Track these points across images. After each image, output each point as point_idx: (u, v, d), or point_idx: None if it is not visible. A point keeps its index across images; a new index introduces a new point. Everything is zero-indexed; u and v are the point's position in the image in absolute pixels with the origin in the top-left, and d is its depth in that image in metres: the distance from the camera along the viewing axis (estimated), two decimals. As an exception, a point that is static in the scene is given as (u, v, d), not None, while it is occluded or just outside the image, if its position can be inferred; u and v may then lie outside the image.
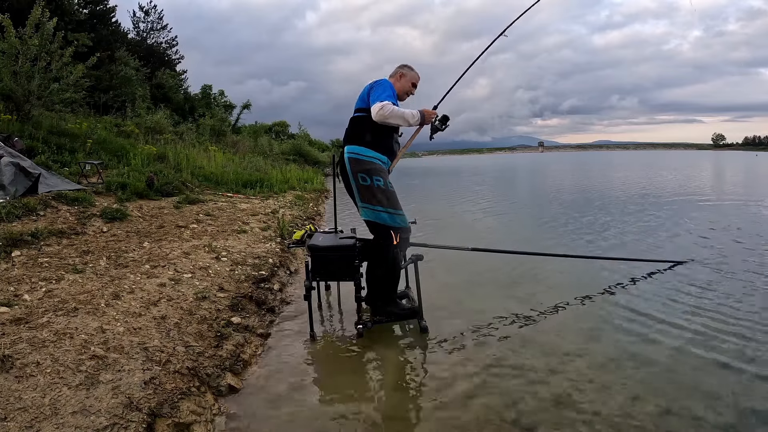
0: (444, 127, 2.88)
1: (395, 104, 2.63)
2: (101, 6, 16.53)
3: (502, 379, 2.20)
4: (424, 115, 2.77)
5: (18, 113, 7.20)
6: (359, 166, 2.65)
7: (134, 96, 14.22)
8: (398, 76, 2.86)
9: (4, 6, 10.70)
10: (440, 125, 2.86)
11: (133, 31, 21.35)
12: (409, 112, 2.69)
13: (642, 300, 3.21)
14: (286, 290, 3.62)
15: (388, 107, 2.56)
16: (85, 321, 2.29)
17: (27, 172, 4.58)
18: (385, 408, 2.02)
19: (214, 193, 7.30)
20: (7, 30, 6.84)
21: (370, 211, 2.66)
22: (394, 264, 2.74)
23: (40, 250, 3.32)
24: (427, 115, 2.79)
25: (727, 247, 4.74)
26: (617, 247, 4.91)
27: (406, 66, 2.90)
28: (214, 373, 2.16)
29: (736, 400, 1.96)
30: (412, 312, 2.82)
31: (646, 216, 6.94)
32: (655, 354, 2.40)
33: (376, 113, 2.57)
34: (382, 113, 2.56)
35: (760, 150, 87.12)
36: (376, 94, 2.61)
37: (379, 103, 2.57)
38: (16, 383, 1.73)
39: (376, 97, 2.60)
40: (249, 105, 24.05)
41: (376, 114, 2.57)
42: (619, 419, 1.85)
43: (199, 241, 4.15)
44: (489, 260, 4.19)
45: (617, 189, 11.88)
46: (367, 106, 2.66)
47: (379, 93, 2.61)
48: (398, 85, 2.82)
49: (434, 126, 2.86)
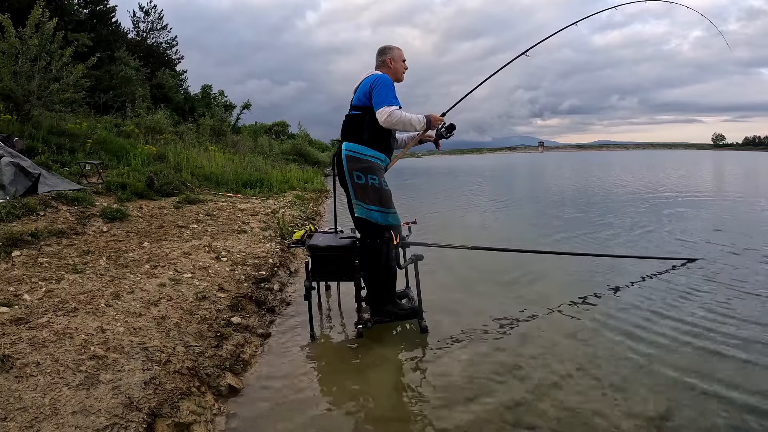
0: (449, 135, 2.89)
1: (400, 107, 2.63)
2: (101, 6, 16.51)
3: (503, 379, 2.20)
4: (430, 121, 2.75)
5: (18, 113, 7.20)
6: (356, 164, 2.66)
7: (134, 96, 14.21)
8: (388, 63, 2.81)
9: (4, 6, 10.69)
10: (446, 133, 2.87)
11: (133, 31, 21.34)
12: (416, 118, 2.67)
13: (646, 299, 3.21)
14: (286, 290, 3.63)
15: (396, 114, 2.56)
16: (85, 321, 2.29)
17: (27, 172, 4.58)
18: (385, 408, 2.02)
19: (214, 193, 7.30)
20: (7, 30, 6.84)
21: (363, 209, 2.68)
22: (389, 263, 2.75)
23: (40, 250, 3.31)
24: (434, 120, 2.78)
25: (737, 246, 4.71)
26: (622, 245, 4.90)
27: (386, 49, 2.84)
28: (214, 373, 2.16)
29: (741, 401, 1.96)
30: (412, 312, 2.82)
31: (651, 214, 6.93)
32: (658, 354, 2.40)
33: (384, 120, 2.57)
34: (390, 120, 2.56)
35: (760, 150, 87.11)
36: (381, 97, 2.59)
37: (387, 108, 2.56)
38: (16, 383, 1.73)
39: (381, 101, 2.58)
40: (249, 105, 24.06)
41: (384, 121, 2.57)
42: (619, 419, 1.85)
43: (199, 241, 4.15)
44: (490, 259, 4.19)
45: (618, 189, 11.88)
46: (365, 105, 2.65)
47: (383, 96, 2.59)
48: (392, 74, 2.78)
49: (440, 133, 2.87)
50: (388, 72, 2.79)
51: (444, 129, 2.86)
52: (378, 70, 2.82)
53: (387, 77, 2.70)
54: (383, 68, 2.82)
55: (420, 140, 2.98)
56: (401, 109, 2.63)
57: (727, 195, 9.91)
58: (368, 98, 2.64)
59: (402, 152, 3.00)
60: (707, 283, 3.53)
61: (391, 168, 2.89)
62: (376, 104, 2.59)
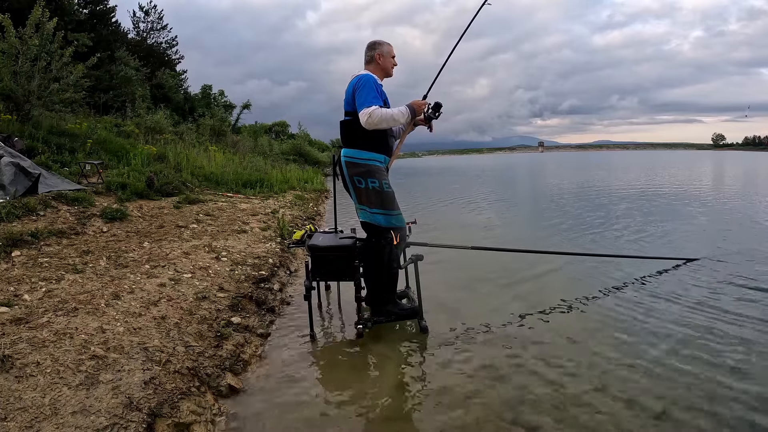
0: (438, 115, 2.80)
1: (381, 105, 2.58)
2: (101, 6, 16.52)
3: (503, 379, 2.20)
4: (414, 109, 2.71)
5: (18, 113, 7.20)
6: (355, 170, 2.65)
7: (134, 96, 14.22)
8: (377, 59, 2.76)
9: (4, 6, 10.69)
10: (433, 113, 2.79)
11: (133, 31, 21.35)
12: (398, 111, 2.62)
13: (646, 299, 3.21)
14: (286, 290, 3.62)
15: (375, 114, 2.51)
16: (85, 321, 2.29)
17: (27, 172, 4.58)
18: (384, 408, 2.02)
19: (214, 193, 7.30)
20: (7, 30, 6.84)
21: (367, 213, 2.68)
22: (391, 263, 2.75)
23: (40, 250, 3.31)
24: (417, 106, 2.73)
25: (738, 246, 4.71)
26: (622, 245, 4.90)
27: (376, 44, 2.79)
28: (214, 373, 2.16)
29: (741, 401, 1.96)
30: (412, 312, 2.82)
31: (651, 214, 6.93)
32: (659, 354, 2.40)
33: (365, 122, 2.53)
34: (371, 121, 2.52)
35: (760, 150, 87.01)
36: (362, 99, 2.55)
37: (366, 109, 2.51)
38: (16, 383, 1.73)
39: (361, 103, 2.54)
40: (249, 105, 24.08)
41: (366, 123, 2.53)
42: (620, 419, 1.85)
43: (199, 241, 4.15)
44: (490, 259, 4.18)
45: (618, 189, 11.87)
46: (353, 109, 2.61)
47: (363, 97, 2.55)
48: (380, 70, 2.76)
49: (427, 115, 2.80)
50: (376, 68, 2.76)
51: (430, 110, 2.78)
52: (367, 66, 2.79)
53: (368, 77, 2.64)
54: (372, 64, 2.78)
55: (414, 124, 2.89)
56: (383, 107, 2.57)
57: (727, 195, 9.91)
58: (354, 102, 2.61)
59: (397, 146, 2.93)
60: (708, 282, 3.53)
61: (390, 166, 2.87)
62: (358, 107, 2.56)
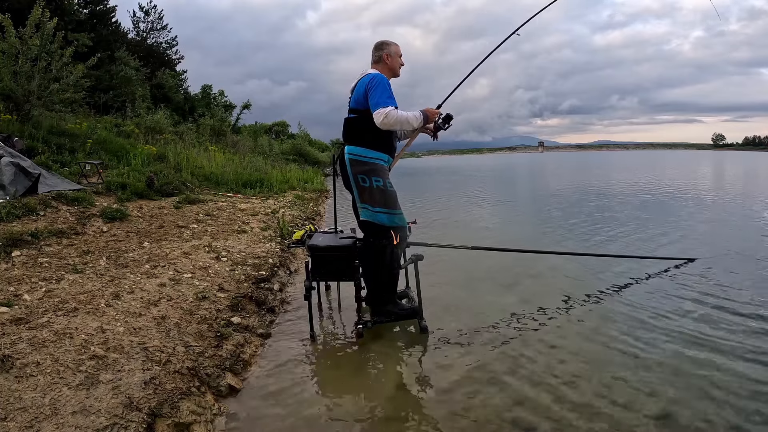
0: (447, 126, 2.87)
1: (396, 107, 2.61)
2: (101, 6, 16.51)
3: (502, 379, 2.20)
4: (427, 116, 2.75)
5: (18, 113, 7.20)
6: (359, 168, 2.65)
7: (134, 96, 14.23)
8: (385, 59, 2.78)
9: (4, 6, 10.69)
10: (443, 124, 2.85)
11: (133, 31, 21.34)
12: (413, 115, 2.66)
13: (646, 299, 3.21)
14: (286, 290, 3.62)
15: (392, 115, 2.54)
16: (85, 321, 2.29)
17: (27, 172, 4.58)
18: (384, 408, 2.02)
19: (214, 193, 7.30)
20: (7, 30, 6.84)
21: (369, 212, 2.67)
22: (392, 263, 2.74)
23: (40, 250, 3.31)
24: (431, 114, 2.77)
25: (737, 246, 4.70)
26: (622, 245, 4.89)
27: (384, 44, 2.81)
28: (214, 373, 2.16)
29: (741, 400, 1.96)
30: (412, 312, 2.82)
31: (650, 214, 6.93)
32: (658, 354, 2.40)
33: (380, 122, 2.55)
34: (386, 121, 2.55)
35: (760, 150, 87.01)
36: (376, 98, 2.57)
37: (383, 109, 2.54)
38: (16, 383, 1.73)
39: (377, 103, 2.56)
40: (249, 105, 24.08)
41: (381, 123, 2.55)
42: (619, 419, 1.85)
43: (199, 241, 4.15)
44: (490, 259, 4.18)
45: (617, 189, 11.87)
46: (363, 107, 2.63)
47: (378, 96, 2.57)
48: (387, 70, 2.77)
49: (437, 125, 2.85)
50: (384, 68, 2.77)
51: (441, 120, 2.83)
52: (374, 65, 2.81)
53: (382, 77, 2.66)
54: (380, 64, 2.79)
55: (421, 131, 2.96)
56: (397, 108, 2.61)
57: (726, 195, 9.90)
58: (365, 100, 2.63)
59: (402, 149, 2.98)
60: (706, 282, 3.53)
61: (392, 167, 2.88)
62: (373, 106, 2.58)
